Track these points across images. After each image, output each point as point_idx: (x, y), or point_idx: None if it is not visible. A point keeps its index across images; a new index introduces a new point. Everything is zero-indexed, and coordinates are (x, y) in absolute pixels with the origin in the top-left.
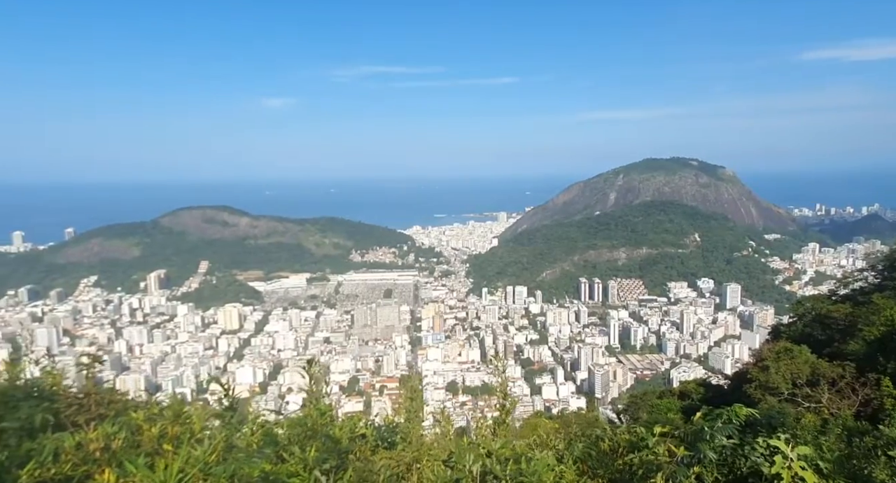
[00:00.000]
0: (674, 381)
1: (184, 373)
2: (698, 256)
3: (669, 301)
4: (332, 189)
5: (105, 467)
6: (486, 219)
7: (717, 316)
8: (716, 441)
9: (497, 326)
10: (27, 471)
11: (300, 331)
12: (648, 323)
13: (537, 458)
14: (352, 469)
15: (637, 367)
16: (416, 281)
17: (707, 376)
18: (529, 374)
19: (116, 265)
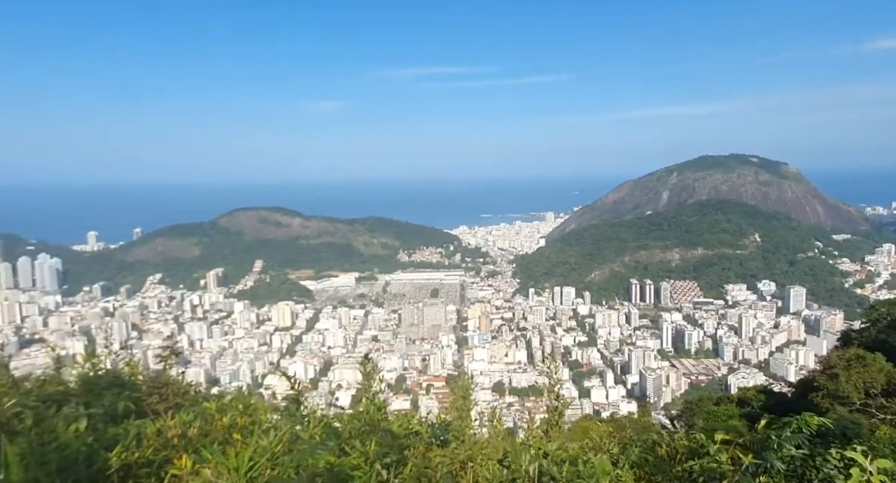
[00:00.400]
0: (731, 387)
1: (240, 367)
2: (758, 258)
3: (727, 304)
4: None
5: (182, 453)
6: (532, 219)
7: (780, 320)
8: (784, 450)
9: (544, 327)
10: (115, 453)
11: (349, 329)
12: (704, 326)
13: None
14: (411, 464)
15: (692, 371)
16: (463, 281)
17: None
18: (577, 376)
19: (179, 263)
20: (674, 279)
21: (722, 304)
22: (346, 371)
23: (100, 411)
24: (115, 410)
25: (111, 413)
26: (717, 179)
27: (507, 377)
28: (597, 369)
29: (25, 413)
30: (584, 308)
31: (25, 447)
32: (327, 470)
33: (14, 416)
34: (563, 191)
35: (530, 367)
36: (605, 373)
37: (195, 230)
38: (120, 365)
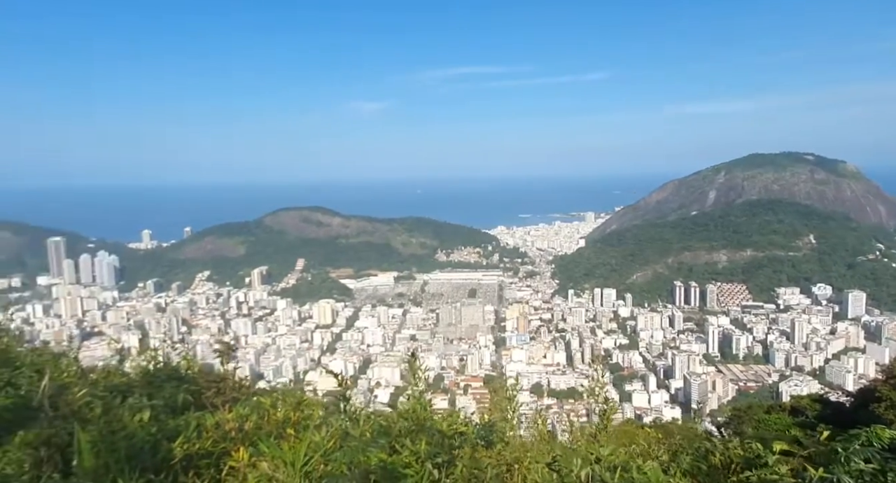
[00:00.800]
0: (783, 394)
1: (283, 363)
2: (813, 260)
3: (778, 308)
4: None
5: (240, 446)
6: (572, 219)
7: (836, 326)
8: (852, 465)
9: (584, 329)
10: (178, 444)
11: (388, 327)
12: (753, 331)
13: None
14: (461, 465)
15: (739, 378)
16: (501, 281)
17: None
18: (618, 379)
19: (226, 261)
20: (721, 282)
21: (773, 308)
22: (385, 369)
23: (161, 403)
24: (174, 402)
25: (171, 405)
26: (768, 178)
27: (546, 379)
28: (638, 373)
29: (94, 402)
30: (625, 310)
31: (96, 435)
32: (379, 467)
33: (85, 405)
34: (603, 190)
35: (569, 369)
36: (647, 377)
37: (241, 229)
38: (176, 359)
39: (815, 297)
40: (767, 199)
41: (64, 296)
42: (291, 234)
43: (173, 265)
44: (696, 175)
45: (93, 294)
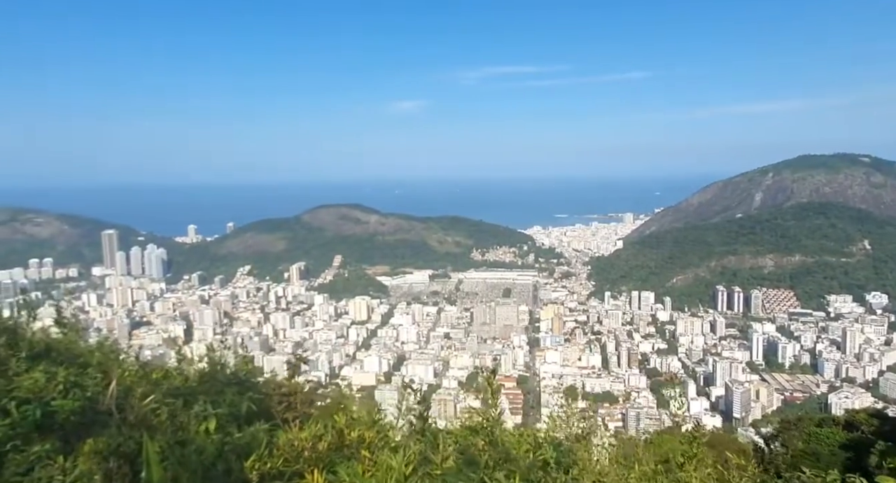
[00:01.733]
0: (832, 406)
1: (319, 358)
2: (868, 267)
3: (828, 316)
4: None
5: (314, 467)
6: (610, 220)
7: (892, 336)
8: None
9: (620, 332)
10: (251, 463)
11: (422, 325)
12: (801, 339)
13: None
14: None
15: (785, 387)
16: (536, 281)
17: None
18: (656, 385)
19: (266, 257)
20: (766, 287)
21: (822, 315)
22: (419, 367)
23: (224, 411)
24: (238, 411)
25: (235, 414)
26: (819, 180)
27: (581, 381)
28: (677, 379)
29: (161, 408)
30: (663, 314)
31: (164, 445)
32: None
33: (151, 412)
34: (643, 191)
35: (605, 372)
36: (687, 383)
37: (281, 225)
38: (229, 357)
39: (869, 306)
40: (819, 202)
41: (116, 286)
42: (329, 230)
43: (216, 259)
44: (741, 176)
45: (142, 285)
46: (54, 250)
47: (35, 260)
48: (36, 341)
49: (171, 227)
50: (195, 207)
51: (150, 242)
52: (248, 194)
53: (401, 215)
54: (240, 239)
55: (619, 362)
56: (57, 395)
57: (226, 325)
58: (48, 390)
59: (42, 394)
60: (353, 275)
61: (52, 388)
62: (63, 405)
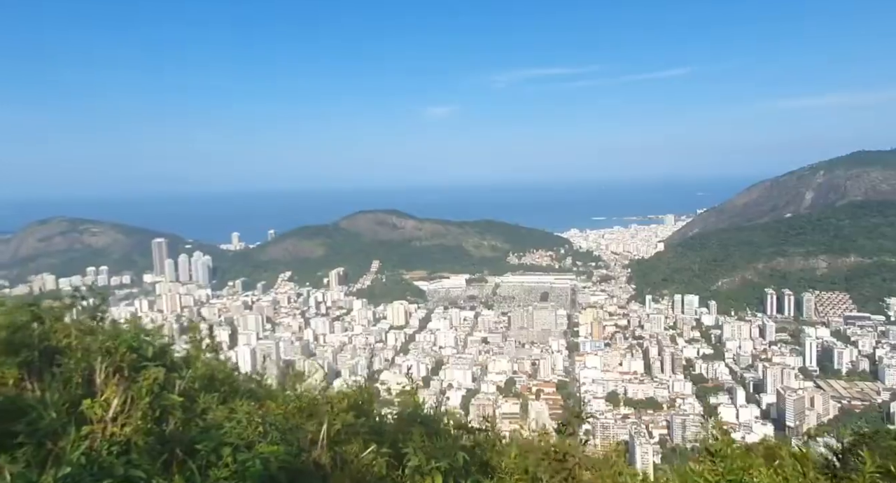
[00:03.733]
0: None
1: (358, 362)
2: None
3: (888, 320)
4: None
5: None
6: (650, 222)
7: None
8: None
9: (663, 337)
10: None
11: (460, 329)
12: (858, 345)
13: None
14: None
15: (843, 395)
16: (574, 285)
17: None
18: (702, 391)
19: (306, 263)
20: (819, 290)
21: (882, 319)
22: (457, 371)
23: (444, 465)
24: (453, 464)
25: (455, 467)
26: (875, 178)
27: (622, 387)
28: (725, 385)
29: (377, 461)
30: (709, 318)
31: None
32: None
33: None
34: (684, 192)
35: (647, 377)
36: (735, 390)
37: (320, 232)
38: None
39: None
40: (876, 200)
41: (165, 292)
42: (367, 236)
43: (258, 265)
44: (789, 175)
45: (189, 291)
46: (109, 258)
47: (92, 268)
48: (198, 368)
49: (216, 235)
50: (238, 215)
51: (197, 250)
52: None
53: (437, 220)
54: (281, 245)
55: (663, 368)
56: (255, 437)
57: (268, 331)
58: (248, 433)
59: (246, 436)
60: (390, 280)
61: (252, 429)
62: (275, 453)
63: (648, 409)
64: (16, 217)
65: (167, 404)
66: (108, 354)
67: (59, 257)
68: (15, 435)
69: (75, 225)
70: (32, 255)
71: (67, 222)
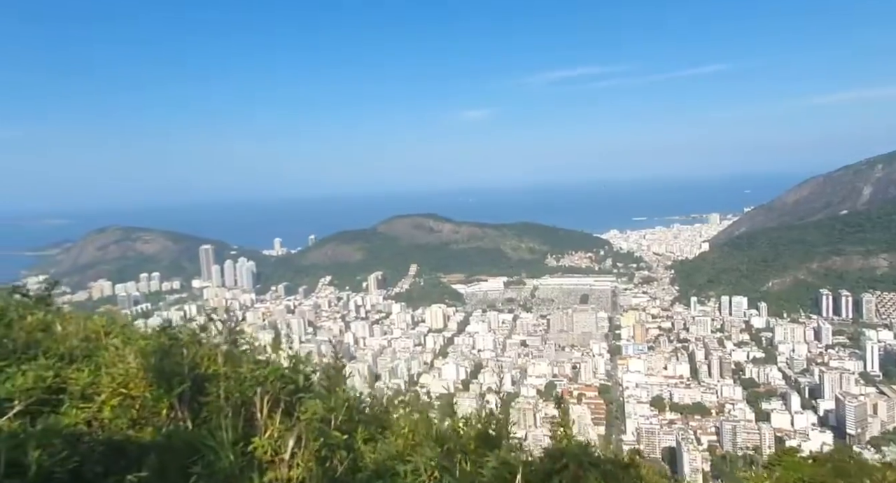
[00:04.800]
0: None
1: (398, 365)
2: None
3: None
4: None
5: None
6: (693, 221)
7: None
8: None
9: (710, 340)
10: None
11: (498, 332)
12: None
13: None
14: None
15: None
16: (614, 287)
17: None
18: (753, 396)
19: (345, 267)
20: (880, 291)
21: None
22: (496, 375)
23: None
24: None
25: None
26: None
27: (668, 392)
28: (777, 390)
29: None
30: (758, 320)
31: None
32: None
33: None
34: (730, 190)
35: (694, 382)
36: (789, 395)
37: (359, 236)
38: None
39: None
40: None
41: (213, 297)
42: (404, 240)
43: (300, 270)
44: (844, 170)
45: (235, 296)
46: (160, 265)
47: (144, 274)
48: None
49: (259, 241)
50: (280, 221)
51: (242, 256)
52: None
53: (474, 223)
54: (321, 250)
55: (710, 372)
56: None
57: (310, 334)
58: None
59: None
60: (428, 283)
61: (428, 476)
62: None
63: (696, 414)
64: (77, 227)
65: (332, 443)
66: (260, 384)
67: (115, 264)
68: (188, 475)
69: (129, 233)
70: (91, 263)
71: (122, 231)
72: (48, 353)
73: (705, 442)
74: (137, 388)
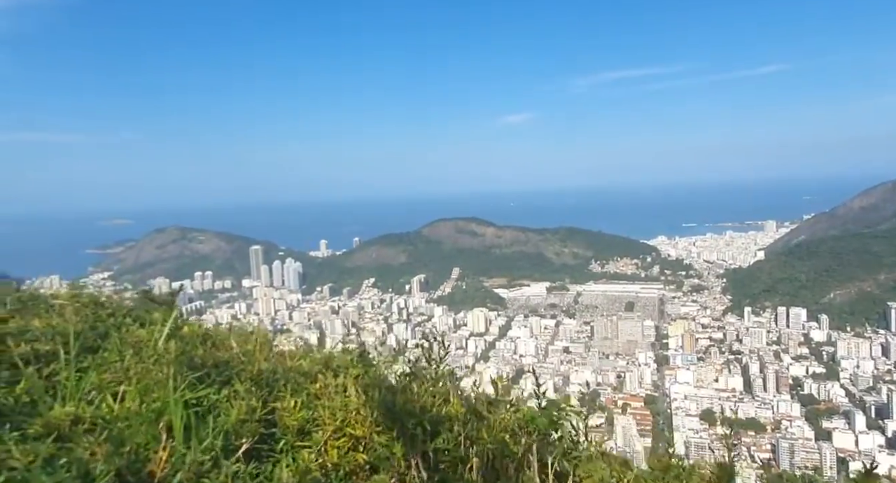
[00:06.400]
0: None
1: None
2: None
3: None
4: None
5: None
6: (747, 228)
7: None
8: None
9: (765, 352)
10: None
11: (540, 338)
12: None
13: None
14: None
15: None
16: (662, 295)
17: None
18: (813, 414)
19: (388, 269)
20: None
21: None
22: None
23: None
24: None
25: None
26: None
27: (719, 405)
28: (840, 408)
29: None
30: (819, 333)
31: None
32: None
33: None
34: (787, 196)
35: (748, 396)
36: (853, 414)
37: (402, 239)
38: None
39: None
40: None
41: (262, 297)
42: (447, 243)
43: (344, 272)
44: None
45: (282, 296)
46: (213, 264)
47: (199, 273)
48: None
49: (305, 243)
50: (326, 223)
51: (289, 257)
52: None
53: (516, 227)
54: (365, 252)
55: (765, 386)
56: None
57: (353, 335)
58: None
59: None
60: (470, 287)
61: None
62: None
63: (749, 430)
64: (139, 227)
65: None
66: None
67: (173, 263)
68: None
69: (185, 233)
70: (151, 261)
71: (179, 231)
72: (241, 376)
73: (759, 459)
74: (360, 428)
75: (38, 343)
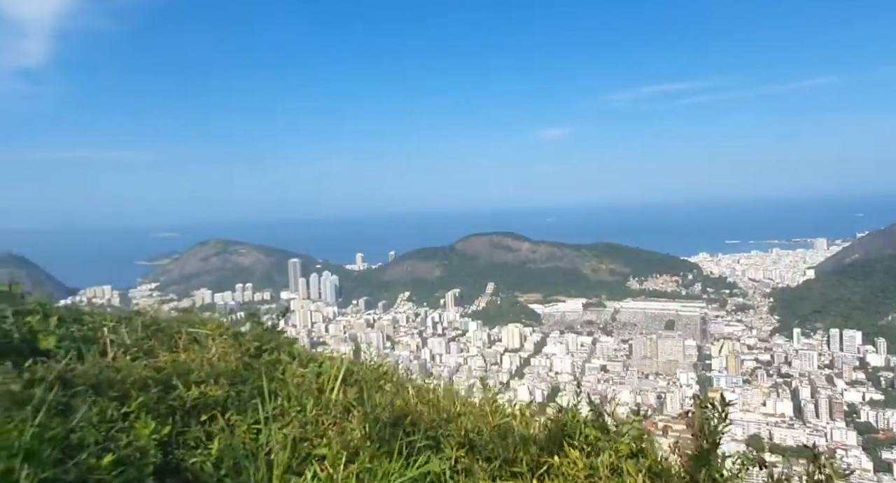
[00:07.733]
0: None
1: (473, 384)
2: None
3: None
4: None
5: None
6: (795, 246)
7: None
8: None
9: (817, 376)
10: None
11: (576, 355)
12: None
13: None
14: None
15: None
16: (704, 314)
17: None
18: (871, 443)
19: (423, 283)
20: None
21: None
22: (572, 399)
23: None
24: None
25: None
26: None
27: (767, 431)
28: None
29: None
30: (876, 358)
31: None
32: None
33: None
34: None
35: (798, 422)
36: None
37: (437, 254)
38: None
39: None
40: None
41: (299, 309)
42: (482, 258)
43: (379, 285)
44: None
45: (319, 308)
46: (253, 276)
47: (240, 285)
48: None
49: (342, 256)
50: (362, 237)
51: (326, 270)
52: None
53: (552, 242)
54: (400, 266)
55: (818, 412)
56: None
57: (388, 348)
58: None
59: None
60: (505, 302)
61: None
62: None
63: (800, 458)
64: (184, 240)
65: None
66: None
67: (215, 275)
68: None
69: (227, 246)
70: (195, 273)
71: (221, 244)
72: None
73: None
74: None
75: (206, 385)
